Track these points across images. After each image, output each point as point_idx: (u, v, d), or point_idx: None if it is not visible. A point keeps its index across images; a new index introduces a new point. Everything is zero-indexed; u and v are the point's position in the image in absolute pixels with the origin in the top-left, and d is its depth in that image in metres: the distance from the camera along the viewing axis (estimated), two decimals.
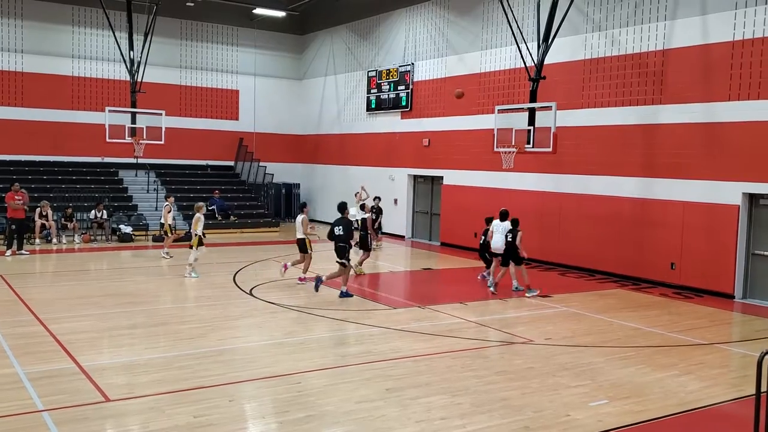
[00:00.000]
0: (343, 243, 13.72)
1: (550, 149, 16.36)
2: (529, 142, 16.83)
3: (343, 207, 14.30)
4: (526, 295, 14.40)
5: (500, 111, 17.85)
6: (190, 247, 15.96)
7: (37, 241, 20.40)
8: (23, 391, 7.70)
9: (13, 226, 18.50)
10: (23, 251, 18.51)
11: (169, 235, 18.83)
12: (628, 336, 11.32)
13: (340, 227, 13.84)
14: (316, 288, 13.79)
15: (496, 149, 17.53)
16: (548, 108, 16.49)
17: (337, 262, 13.79)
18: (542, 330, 11.44)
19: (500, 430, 6.98)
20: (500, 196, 20.35)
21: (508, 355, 9.86)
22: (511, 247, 14.51)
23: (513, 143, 16.97)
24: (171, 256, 18.29)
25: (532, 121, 16.88)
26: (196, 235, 15.90)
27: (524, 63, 17.57)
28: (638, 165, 16.93)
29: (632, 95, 17.01)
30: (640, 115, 16.84)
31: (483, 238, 15.82)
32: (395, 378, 8.60)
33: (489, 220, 15.74)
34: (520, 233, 14.57)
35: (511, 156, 17.01)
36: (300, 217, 15.63)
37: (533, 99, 17.29)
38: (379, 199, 21.91)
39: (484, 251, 15.86)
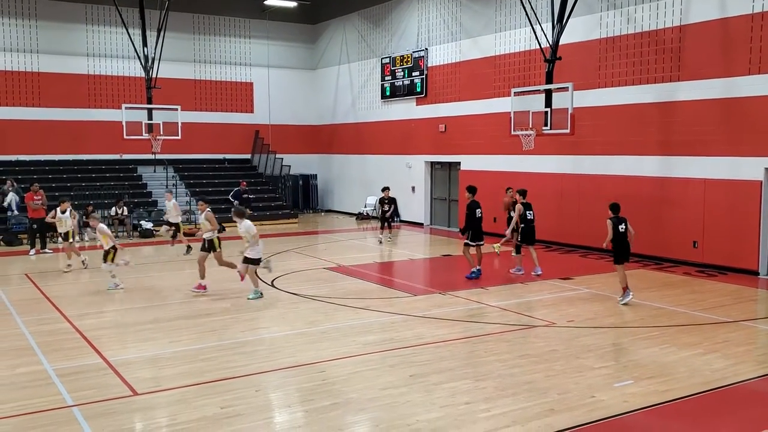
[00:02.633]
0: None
1: (568, 130, 16.22)
2: (546, 124, 16.69)
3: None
4: (510, 271, 14.94)
5: (516, 94, 17.71)
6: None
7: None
8: (53, 387, 7.82)
9: (35, 226, 18.75)
10: (47, 250, 18.75)
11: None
12: (652, 316, 11.24)
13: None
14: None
15: (513, 132, 17.42)
16: (565, 89, 16.33)
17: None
18: (564, 312, 11.40)
19: (526, 413, 6.98)
20: (518, 179, 20.23)
21: (530, 339, 9.84)
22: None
23: (530, 126, 16.84)
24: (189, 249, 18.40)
25: (548, 102, 16.73)
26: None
27: (539, 44, 17.41)
28: (657, 143, 16.74)
29: (649, 73, 16.79)
30: (657, 93, 16.63)
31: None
32: (418, 364, 8.62)
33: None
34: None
35: (530, 138, 16.89)
36: (203, 215, 13.65)
37: (549, 80, 17.13)
38: (388, 189, 21.13)
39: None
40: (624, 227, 12.34)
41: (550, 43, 17.19)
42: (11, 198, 21.75)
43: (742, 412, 7.28)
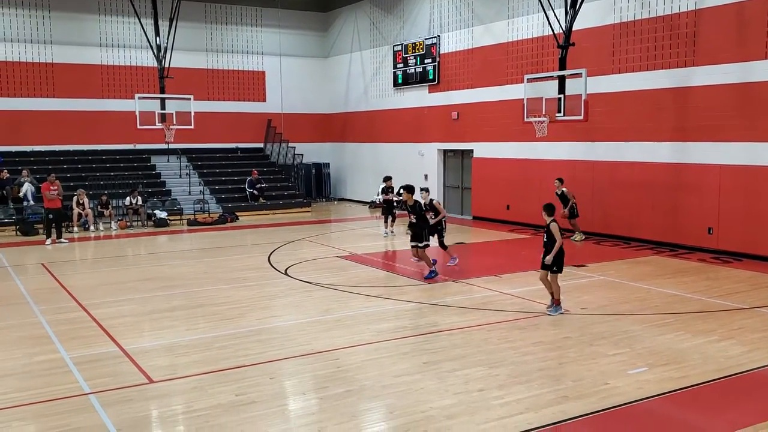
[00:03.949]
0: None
1: (582, 117, 16.11)
2: (559, 111, 16.60)
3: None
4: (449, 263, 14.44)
5: (529, 80, 17.60)
6: None
7: (75, 229, 20.84)
8: (70, 375, 7.92)
9: (51, 216, 18.92)
10: (62, 240, 18.94)
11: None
12: (666, 303, 11.19)
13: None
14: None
15: (526, 119, 17.33)
16: (578, 75, 16.21)
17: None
18: (578, 299, 11.37)
19: (539, 400, 6.98)
20: (532, 166, 20.18)
21: (544, 326, 9.83)
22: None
23: (544, 112, 16.75)
24: None
25: (562, 89, 16.62)
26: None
27: (552, 30, 17.27)
28: (672, 129, 16.60)
29: (664, 58, 16.62)
30: (672, 79, 16.47)
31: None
32: (432, 351, 8.65)
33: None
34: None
35: (544, 125, 16.80)
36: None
37: (563, 66, 17.00)
38: (391, 178, 20.32)
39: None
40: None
41: (563, 28, 17.05)
42: (27, 188, 21.95)
43: (758, 398, 7.25)
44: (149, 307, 11.29)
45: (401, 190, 14.32)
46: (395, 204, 19.57)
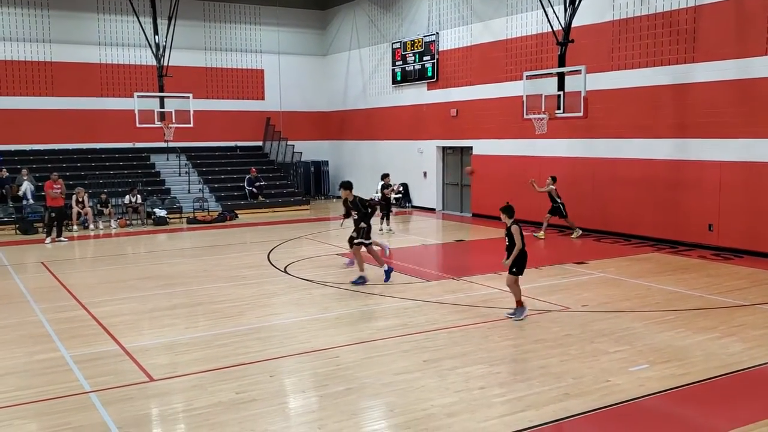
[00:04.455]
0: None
1: (581, 114, 16.09)
2: (559, 108, 16.57)
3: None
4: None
5: (528, 77, 17.57)
6: None
7: (75, 227, 20.81)
8: (70, 373, 7.90)
9: (53, 214, 18.91)
10: (62, 238, 18.91)
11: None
12: (667, 300, 11.18)
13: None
14: None
15: (525, 116, 17.31)
16: (578, 72, 16.18)
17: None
18: (579, 297, 11.36)
19: (540, 398, 6.97)
20: (531, 163, 20.16)
21: (544, 323, 9.82)
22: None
23: (543, 109, 16.73)
24: None
25: (561, 86, 16.60)
26: None
27: (551, 27, 17.25)
28: (672, 126, 16.58)
29: (663, 55, 16.60)
30: (672, 75, 16.45)
31: None
32: (432, 349, 8.63)
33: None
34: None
35: (543, 122, 16.79)
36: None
37: (562, 63, 16.98)
38: (387, 175, 20.09)
39: None
40: None
41: (563, 25, 17.02)
42: (26, 187, 21.93)
43: (760, 395, 7.24)
44: (149, 305, 11.27)
45: (339, 189, 13.55)
46: (393, 201, 19.47)
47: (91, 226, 21.07)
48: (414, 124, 25.72)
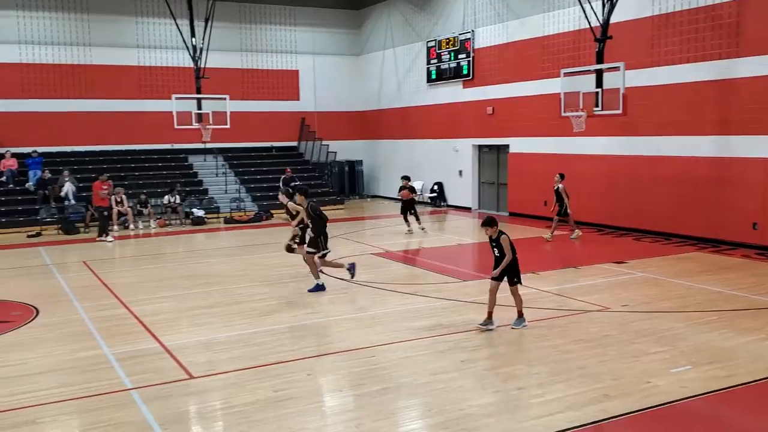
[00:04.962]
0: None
1: (620, 111, 15.84)
2: (597, 105, 16.35)
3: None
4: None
5: (566, 74, 17.37)
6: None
7: (115, 227, 21.19)
8: (112, 371, 8.04)
9: (105, 213, 19.58)
10: (109, 238, 19.27)
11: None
12: (710, 300, 10.93)
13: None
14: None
15: (563, 114, 17.11)
16: (616, 69, 15.94)
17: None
18: (618, 297, 11.17)
19: (580, 399, 6.87)
20: (568, 161, 19.91)
21: (583, 324, 9.68)
22: None
23: (581, 107, 16.52)
24: None
25: (599, 83, 16.37)
26: None
27: (589, 23, 17.01)
28: (714, 123, 16.21)
29: (705, 50, 16.23)
30: (715, 71, 16.07)
31: None
32: (469, 349, 8.58)
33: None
34: None
35: (581, 119, 16.58)
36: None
37: (600, 60, 16.74)
38: (408, 179, 19.53)
39: None
40: None
41: (601, 21, 16.78)
42: (68, 188, 22.41)
43: None
44: (188, 304, 11.41)
45: (295, 194, 12.69)
46: (415, 201, 19.33)
47: (131, 226, 21.44)
48: (449, 123, 25.61)
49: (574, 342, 8.80)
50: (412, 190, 19.39)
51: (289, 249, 13.21)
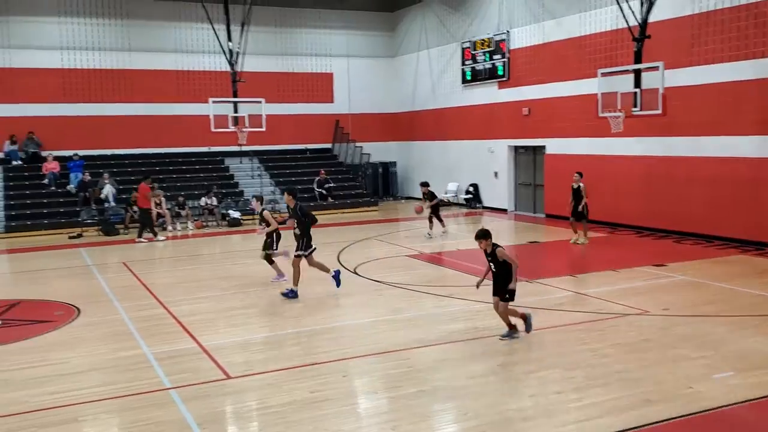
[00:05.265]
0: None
1: (659, 111, 15.57)
2: (635, 106, 16.10)
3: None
4: None
5: (603, 74, 17.14)
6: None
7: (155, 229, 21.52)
8: (152, 370, 8.16)
9: (155, 212, 20.12)
10: (143, 239, 19.61)
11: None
12: (754, 304, 10.66)
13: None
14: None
15: (600, 114, 16.89)
16: (655, 68, 15.68)
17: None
18: (658, 300, 10.96)
19: (619, 403, 6.76)
20: (606, 162, 19.66)
21: (622, 328, 9.52)
22: None
23: (619, 107, 16.28)
24: None
25: (638, 83, 16.12)
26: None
27: (626, 23, 16.77)
28: (757, 122, 15.82)
29: (747, 48, 15.85)
30: (757, 69, 15.69)
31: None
32: (505, 353, 8.50)
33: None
34: None
35: (619, 120, 16.34)
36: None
37: (638, 60, 16.49)
38: (427, 184, 19.40)
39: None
40: None
41: (639, 21, 16.52)
42: (108, 190, 22.85)
43: None
44: (224, 304, 11.53)
45: (285, 194, 12.45)
46: (439, 205, 19.09)
47: (169, 228, 21.75)
48: (484, 124, 25.46)
49: (612, 346, 8.66)
50: (431, 196, 19.03)
51: (268, 258, 13.08)
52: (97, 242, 19.86)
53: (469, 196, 26.37)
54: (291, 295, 11.80)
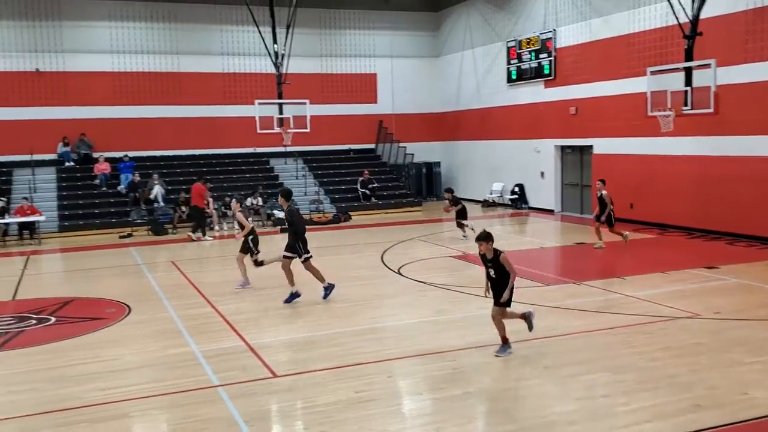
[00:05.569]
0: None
1: (711, 110, 15.19)
2: (686, 104, 15.74)
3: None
4: None
5: (652, 73, 16.80)
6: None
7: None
8: (200, 367, 8.31)
9: (207, 211, 20.62)
10: (208, 237, 20.28)
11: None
12: None
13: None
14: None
15: (650, 113, 16.55)
16: (707, 66, 15.30)
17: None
18: (710, 303, 10.68)
19: (668, 408, 6.61)
20: (655, 162, 19.26)
21: (672, 331, 9.31)
22: None
23: (669, 106, 15.93)
24: None
25: (689, 81, 15.75)
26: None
27: (677, 20, 16.40)
28: None
29: None
30: None
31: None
32: (552, 355, 8.40)
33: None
34: None
35: (669, 119, 15.99)
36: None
37: (689, 57, 16.12)
38: (451, 191, 19.27)
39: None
40: None
41: (690, 17, 16.14)
42: (157, 191, 23.34)
43: None
44: (270, 303, 11.67)
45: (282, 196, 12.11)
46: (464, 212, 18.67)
47: (216, 228, 22.10)
48: (530, 123, 25.19)
49: (662, 349, 8.48)
50: (455, 201, 18.71)
51: (258, 263, 13.02)
52: (147, 242, 20.30)
53: (515, 196, 26.12)
54: (291, 298, 11.54)
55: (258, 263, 13.12)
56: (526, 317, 8.65)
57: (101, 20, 25.50)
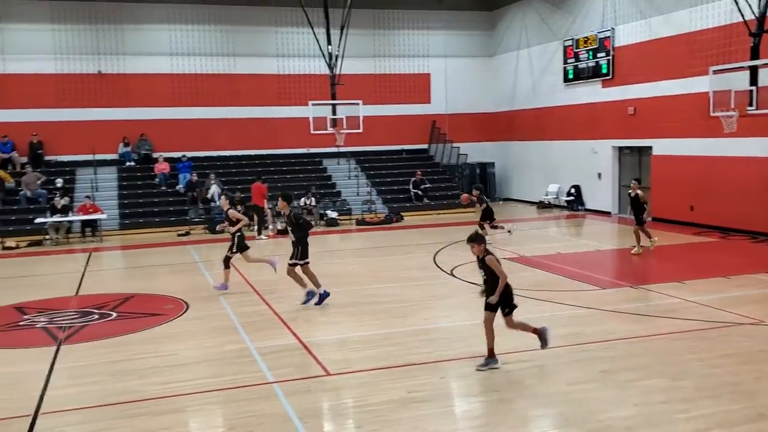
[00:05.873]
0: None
1: None
2: (751, 104, 15.21)
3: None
4: None
5: (715, 72, 16.30)
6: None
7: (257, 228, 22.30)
8: (255, 364, 8.45)
9: (265, 210, 21.25)
10: (262, 236, 20.69)
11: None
12: None
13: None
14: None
15: (712, 113, 16.06)
16: None
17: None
18: None
19: (730, 417, 6.41)
20: (718, 164, 18.69)
21: (734, 337, 9.01)
22: None
23: (732, 106, 15.43)
24: None
25: (754, 80, 15.22)
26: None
27: (742, 17, 15.88)
28: None
29: None
30: None
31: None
32: (609, 360, 8.23)
33: None
34: None
35: (733, 119, 15.49)
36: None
37: (755, 56, 15.57)
38: (480, 190, 18.90)
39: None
40: None
41: (756, 14, 15.60)
42: (214, 190, 23.82)
43: None
44: (323, 302, 11.74)
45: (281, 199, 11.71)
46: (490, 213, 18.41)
47: (270, 227, 22.41)
48: (587, 124, 24.75)
49: (723, 356, 8.22)
50: (480, 201, 18.39)
51: (228, 259, 12.80)
52: (204, 240, 20.74)
53: (571, 198, 25.70)
54: (321, 299, 11.42)
55: (228, 260, 12.83)
56: (540, 333, 8.25)
57: (160, 23, 26.18)
